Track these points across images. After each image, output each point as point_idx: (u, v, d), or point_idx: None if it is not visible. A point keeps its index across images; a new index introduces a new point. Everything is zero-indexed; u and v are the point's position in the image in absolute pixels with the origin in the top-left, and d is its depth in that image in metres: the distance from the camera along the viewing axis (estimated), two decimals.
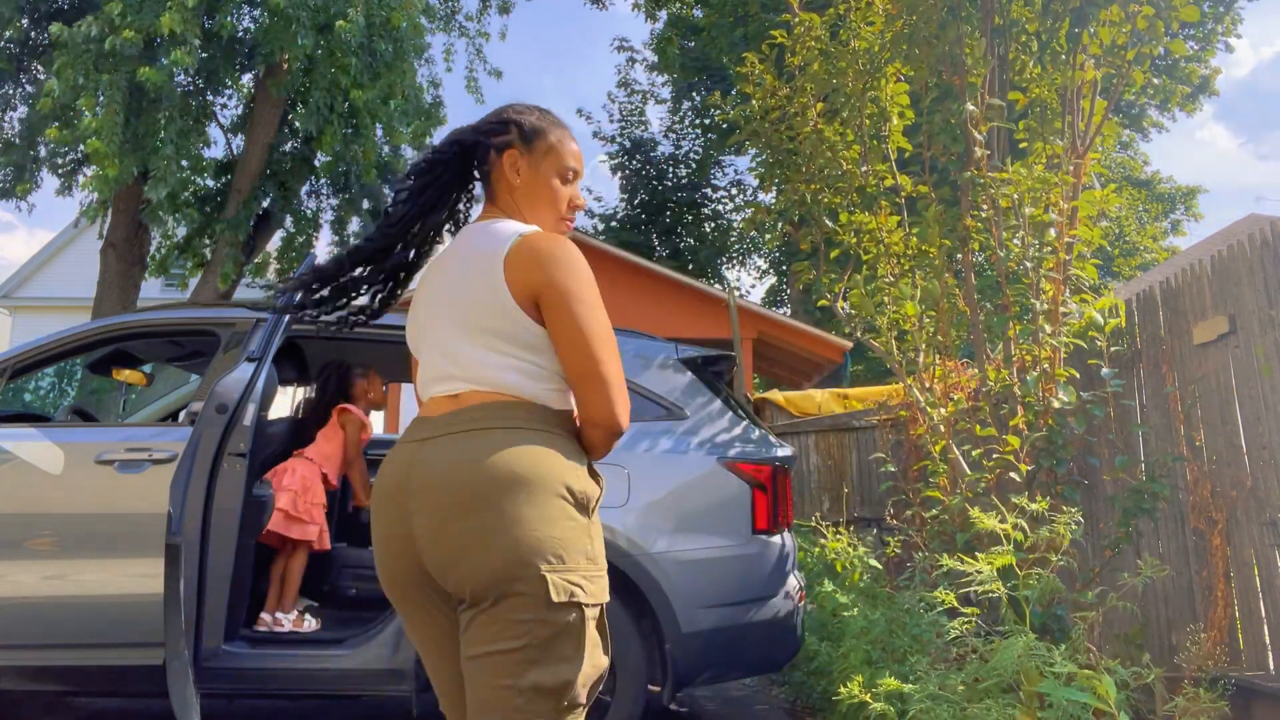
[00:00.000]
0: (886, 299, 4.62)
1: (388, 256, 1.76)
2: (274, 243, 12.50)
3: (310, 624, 3.52)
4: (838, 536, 5.45)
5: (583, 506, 1.54)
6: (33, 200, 14.65)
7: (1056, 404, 3.88)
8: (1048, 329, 3.97)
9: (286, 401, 5.88)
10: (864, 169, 4.74)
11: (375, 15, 9.38)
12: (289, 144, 11.35)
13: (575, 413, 1.63)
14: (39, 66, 10.50)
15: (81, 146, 8.51)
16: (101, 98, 8.19)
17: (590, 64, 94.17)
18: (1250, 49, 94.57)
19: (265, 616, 3.50)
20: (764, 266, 25.51)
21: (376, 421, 14.93)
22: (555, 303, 1.57)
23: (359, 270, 1.78)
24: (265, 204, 11.01)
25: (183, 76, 8.82)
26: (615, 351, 1.58)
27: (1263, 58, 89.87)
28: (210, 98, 10.78)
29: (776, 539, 3.43)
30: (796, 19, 4.96)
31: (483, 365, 1.59)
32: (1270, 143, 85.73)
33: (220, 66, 9.83)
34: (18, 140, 10.02)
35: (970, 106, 4.16)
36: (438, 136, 12.53)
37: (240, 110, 11.67)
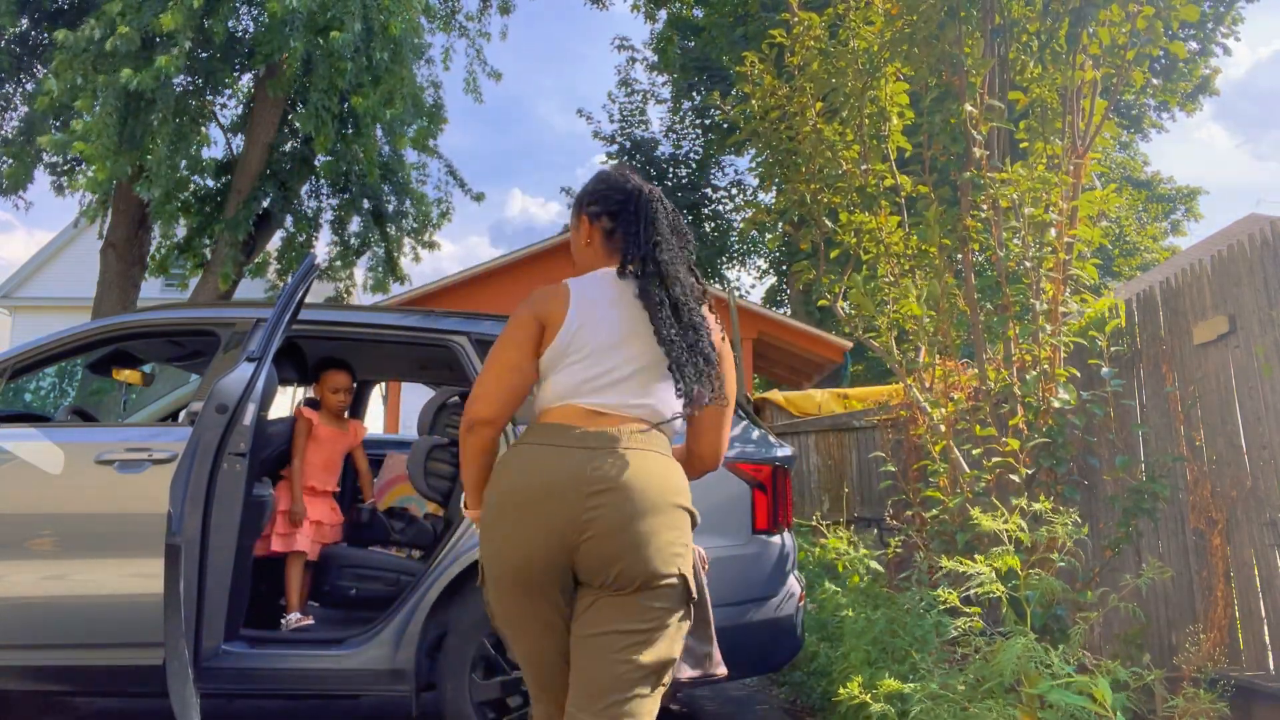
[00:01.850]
0: (887, 299, 4.62)
1: None
2: (274, 243, 12.50)
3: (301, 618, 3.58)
4: (837, 536, 5.45)
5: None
6: (32, 200, 14.66)
7: (1056, 404, 3.88)
8: (1048, 329, 3.98)
9: (286, 401, 5.88)
10: (864, 169, 4.74)
11: (374, 20, 9.38)
12: (289, 144, 11.34)
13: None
14: (39, 66, 10.50)
15: (69, 144, 8.51)
16: (99, 98, 8.18)
17: (589, 64, 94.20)
18: (1247, 49, 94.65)
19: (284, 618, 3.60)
20: (764, 266, 25.53)
21: (376, 420, 14.91)
22: None
23: None
24: (265, 204, 11.00)
25: (181, 77, 8.79)
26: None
27: (1260, 57, 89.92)
28: (210, 98, 10.77)
29: (776, 539, 3.43)
30: (796, 19, 4.96)
31: (649, 396, 1.89)
32: (1268, 143, 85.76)
33: (219, 67, 9.82)
34: (17, 139, 10.02)
35: (970, 107, 4.16)
36: (441, 138, 12.55)
37: (240, 110, 11.67)
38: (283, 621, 3.55)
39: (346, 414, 4.14)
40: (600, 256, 2.03)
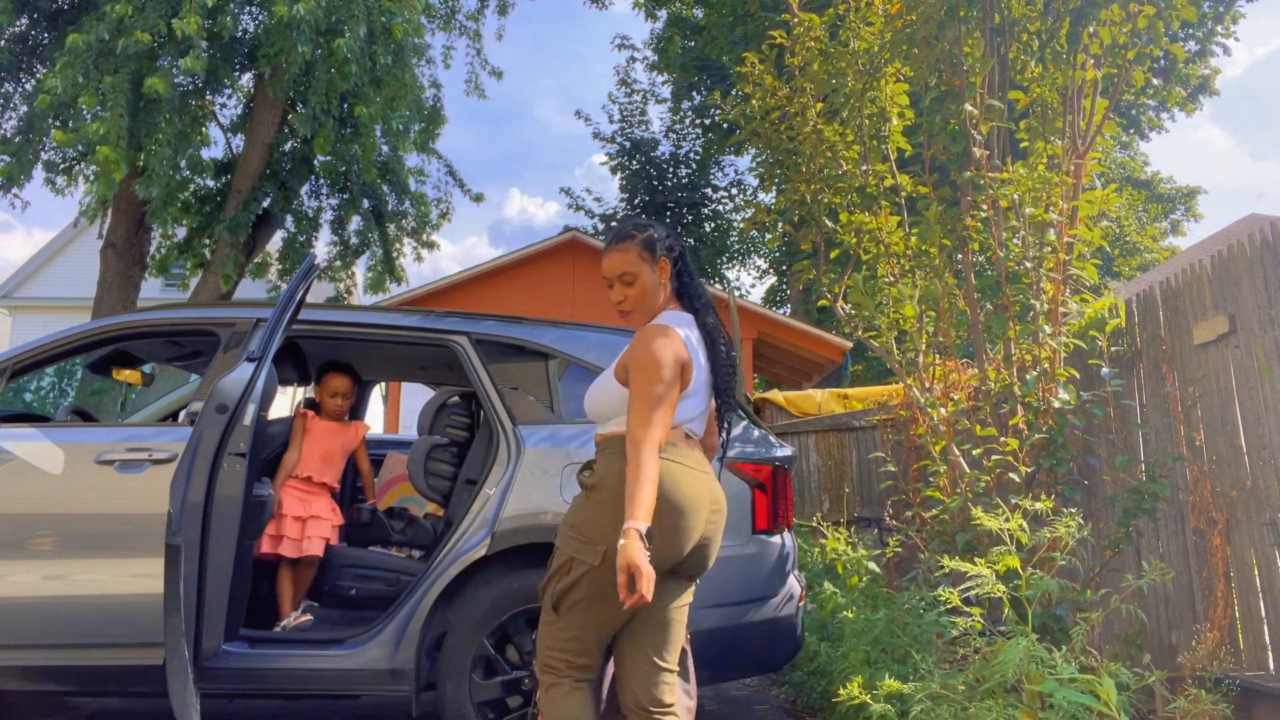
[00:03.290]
0: (886, 299, 4.62)
1: None
2: (275, 243, 12.50)
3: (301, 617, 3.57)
4: (836, 536, 5.45)
5: None
6: (31, 199, 14.66)
7: (1056, 404, 3.88)
8: (1048, 329, 3.98)
9: (286, 401, 5.88)
10: (864, 169, 4.74)
11: (375, 23, 9.36)
12: (289, 144, 11.33)
13: None
14: (39, 66, 10.49)
15: (82, 147, 8.51)
16: (107, 101, 8.17)
17: (587, 65, 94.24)
18: (1245, 49, 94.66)
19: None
20: (764, 266, 25.54)
21: (376, 420, 14.92)
22: None
23: None
24: (265, 204, 11.00)
25: (181, 77, 8.78)
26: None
27: (1257, 57, 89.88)
28: (210, 97, 10.76)
29: (776, 539, 3.43)
30: (796, 19, 4.96)
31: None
32: (1266, 142, 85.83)
33: (220, 67, 9.82)
34: (16, 138, 10.00)
35: (970, 106, 4.16)
36: (440, 139, 12.55)
37: (240, 110, 11.66)
38: (279, 627, 3.53)
39: (346, 417, 4.12)
40: (669, 296, 2.34)
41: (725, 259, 24.87)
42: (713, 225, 24.76)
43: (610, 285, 2.32)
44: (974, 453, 4.10)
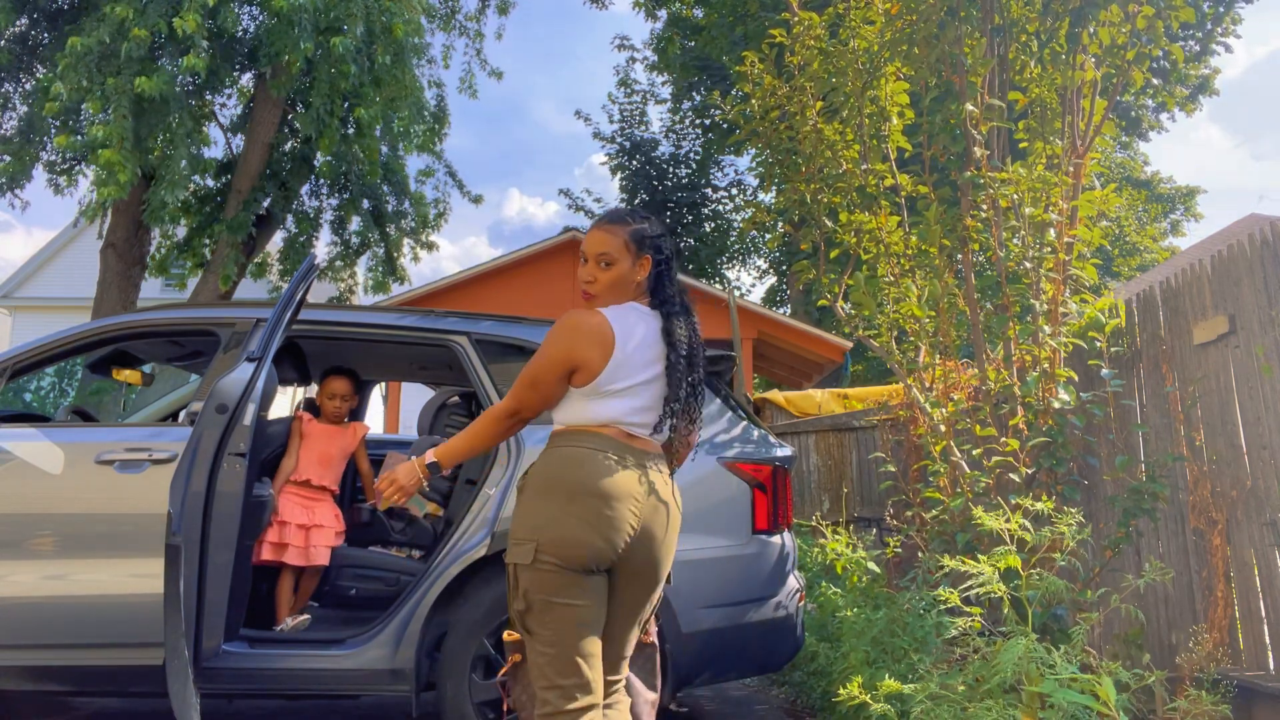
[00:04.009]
0: (887, 299, 4.62)
1: None
2: (275, 243, 12.48)
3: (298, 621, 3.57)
4: (837, 536, 5.45)
5: None
6: (30, 199, 14.68)
7: (1056, 404, 3.88)
8: (1048, 329, 3.98)
9: (286, 401, 5.88)
10: (864, 169, 4.74)
11: (375, 22, 9.35)
12: (289, 144, 11.33)
13: None
14: (39, 66, 10.48)
15: (85, 150, 8.51)
16: (110, 103, 8.16)
17: (586, 65, 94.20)
18: (1245, 49, 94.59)
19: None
20: (764, 266, 25.54)
21: (376, 420, 14.93)
22: None
23: None
24: (266, 204, 10.99)
25: (181, 77, 8.77)
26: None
27: (1257, 57, 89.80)
28: (210, 97, 10.76)
29: (776, 539, 3.43)
30: (796, 18, 4.96)
31: (665, 426, 2.23)
32: (1267, 143, 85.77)
33: (220, 66, 9.81)
34: (16, 138, 9.99)
35: (970, 106, 4.16)
36: (444, 139, 12.54)
37: (240, 110, 11.65)
38: (278, 628, 3.53)
39: (346, 420, 4.11)
40: (641, 290, 2.27)
41: (725, 259, 24.87)
42: (713, 225, 24.76)
43: (584, 261, 2.26)
44: (974, 453, 4.09)
